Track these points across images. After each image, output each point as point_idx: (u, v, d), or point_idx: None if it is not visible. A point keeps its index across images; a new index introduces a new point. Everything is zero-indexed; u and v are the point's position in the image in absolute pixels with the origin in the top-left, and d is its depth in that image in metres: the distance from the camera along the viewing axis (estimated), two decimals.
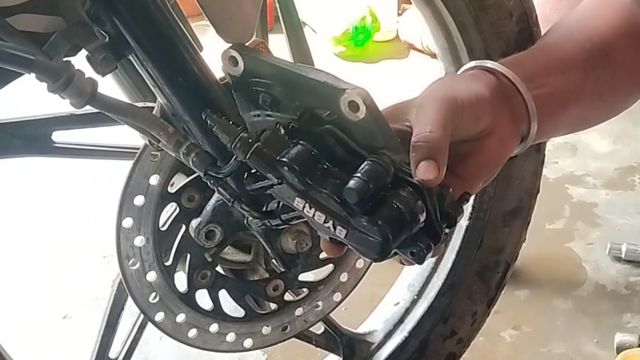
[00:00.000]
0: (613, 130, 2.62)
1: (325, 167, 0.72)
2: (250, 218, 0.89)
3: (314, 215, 0.72)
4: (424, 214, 0.69)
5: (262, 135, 0.76)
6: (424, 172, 0.69)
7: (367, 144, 0.70)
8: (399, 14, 3.68)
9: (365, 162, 0.68)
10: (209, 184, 0.89)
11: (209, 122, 0.80)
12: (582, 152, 2.55)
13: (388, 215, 0.67)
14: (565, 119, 0.87)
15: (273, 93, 0.76)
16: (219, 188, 0.88)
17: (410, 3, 1.28)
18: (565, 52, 0.88)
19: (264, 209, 0.86)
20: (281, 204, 0.81)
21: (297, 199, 0.72)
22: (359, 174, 0.66)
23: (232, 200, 0.87)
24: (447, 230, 0.73)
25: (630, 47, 0.91)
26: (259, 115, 0.79)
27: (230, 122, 0.79)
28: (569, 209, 2.26)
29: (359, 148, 0.71)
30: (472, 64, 0.85)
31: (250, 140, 0.76)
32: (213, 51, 0.94)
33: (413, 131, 0.73)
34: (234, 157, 0.80)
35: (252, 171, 0.78)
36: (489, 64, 0.84)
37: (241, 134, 0.76)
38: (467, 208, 1.34)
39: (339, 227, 0.70)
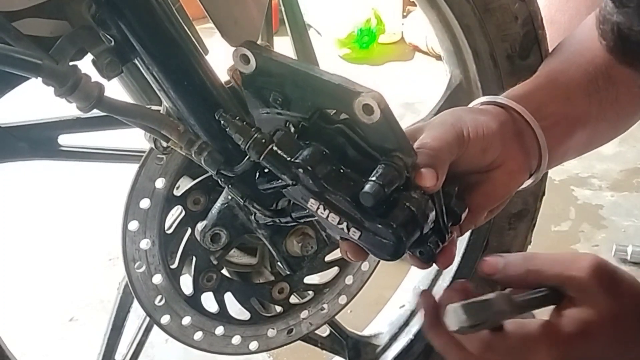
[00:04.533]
0: None
1: (339, 168, 0.73)
2: (259, 216, 0.89)
3: (327, 216, 0.73)
4: (434, 214, 0.71)
5: (274, 135, 0.76)
6: (423, 178, 0.70)
7: (379, 146, 0.71)
8: (404, 16, 3.68)
9: (379, 165, 0.69)
10: (220, 182, 0.90)
11: (222, 122, 0.81)
12: (588, 154, 2.51)
13: (401, 217, 0.69)
14: (572, 145, 0.89)
15: (285, 92, 0.76)
16: (230, 187, 0.88)
17: (415, 5, 1.28)
18: (569, 78, 0.89)
19: (275, 207, 0.87)
20: (291, 202, 0.81)
21: (311, 200, 0.74)
22: (374, 178, 0.67)
23: (243, 199, 0.87)
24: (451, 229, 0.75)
25: (628, 68, 0.91)
26: (268, 113, 0.79)
27: (244, 123, 0.79)
28: (574, 211, 2.26)
29: (370, 149, 0.72)
30: (483, 99, 0.87)
31: (264, 140, 0.76)
32: (218, 54, 0.94)
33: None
34: (247, 157, 0.80)
35: (266, 171, 0.78)
36: (499, 99, 0.85)
37: (255, 135, 0.77)
38: None
39: (353, 229, 0.71)
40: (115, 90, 0.99)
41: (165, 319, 1.11)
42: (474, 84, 1.26)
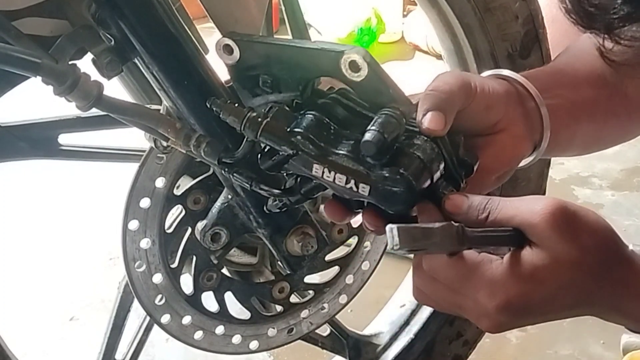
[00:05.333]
0: None
1: (335, 130, 0.72)
2: (270, 203, 0.89)
3: (334, 179, 0.72)
4: (442, 160, 0.70)
5: (269, 112, 0.76)
6: (430, 120, 0.69)
7: (374, 102, 0.71)
8: (404, 16, 3.68)
9: (377, 117, 0.68)
10: (223, 172, 0.89)
11: (214, 108, 0.81)
12: None
13: (408, 163, 0.68)
14: (579, 133, 0.88)
15: (273, 72, 0.77)
16: (235, 174, 0.88)
17: (416, 4, 1.28)
18: (577, 70, 0.89)
19: (283, 187, 0.86)
20: (299, 178, 0.81)
21: (314, 165, 0.73)
22: (373, 127, 0.67)
23: (250, 183, 0.87)
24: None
25: None
26: (261, 100, 0.80)
27: (236, 105, 0.79)
28: None
29: (365, 110, 0.72)
30: (488, 72, 0.86)
31: (259, 118, 0.76)
32: None
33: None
34: (245, 138, 0.80)
35: (266, 150, 0.78)
36: (504, 72, 0.85)
37: (249, 114, 0.77)
38: None
39: (361, 185, 0.71)
40: (117, 90, 0.99)
41: (165, 318, 1.11)
42: None
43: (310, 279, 1.21)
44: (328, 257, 1.21)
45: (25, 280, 2.01)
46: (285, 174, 0.80)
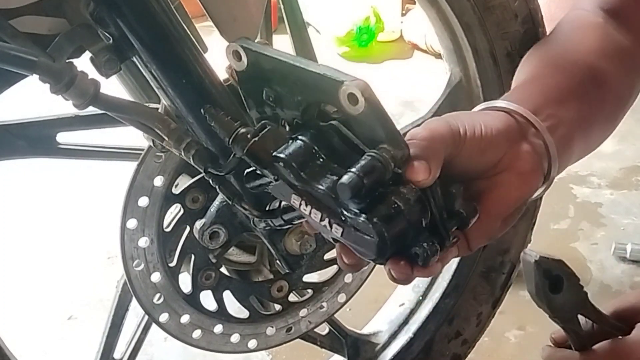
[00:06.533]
0: (618, 130, 2.56)
1: (323, 162, 0.69)
2: (252, 218, 0.88)
3: (310, 212, 0.69)
4: (427, 212, 0.66)
5: (261, 131, 0.74)
6: (414, 171, 0.66)
7: (369, 139, 0.67)
8: (403, 14, 3.68)
9: (363, 157, 0.64)
10: (210, 182, 0.89)
11: (207, 116, 0.79)
12: None
13: (385, 213, 0.64)
14: (575, 149, 0.86)
15: (275, 88, 0.74)
16: (220, 186, 0.87)
17: (414, 3, 1.28)
18: (557, 81, 0.88)
19: (266, 208, 0.85)
20: (282, 203, 0.79)
21: (293, 195, 0.70)
22: (353, 169, 0.63)
23: (232, 198, 0.85)
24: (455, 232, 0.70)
25: (612, 68, 0.91)
26: (266, 113, 0.78)
27: (229, 117, 0.77)
28: (573, 209, 2.26)
29: (363, 144, 0.68)
30: (482, 105, 0.84)
31: (248, 135, 0.74)
32: (218, 53, 0.94)
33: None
34: (233, 153, 0.78)
35: (252, 168, 0.76)
36: (498, 103, 0.82)
37: (239, 129, 0.75)
38: None
39: (335, 226, 0.67)
40: (116, 88, 0.99)
41: (163, 317, 1.11)
42: (473, 82, 1.26)
43: (309, 277, 1.21)
44: (327, 256, 1.20)
45: (23, 280, 2.01)
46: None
